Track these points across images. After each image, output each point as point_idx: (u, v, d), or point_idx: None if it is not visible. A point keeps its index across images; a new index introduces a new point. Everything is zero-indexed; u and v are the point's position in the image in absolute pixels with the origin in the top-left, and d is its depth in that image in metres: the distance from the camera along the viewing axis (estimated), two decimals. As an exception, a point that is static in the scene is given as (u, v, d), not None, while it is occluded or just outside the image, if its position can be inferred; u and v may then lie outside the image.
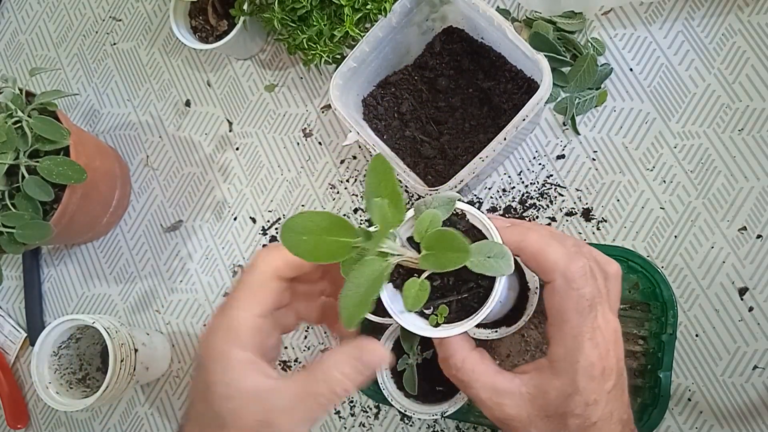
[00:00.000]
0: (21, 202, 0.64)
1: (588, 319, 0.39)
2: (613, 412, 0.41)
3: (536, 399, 0.41)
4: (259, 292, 0.41)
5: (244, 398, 0.39)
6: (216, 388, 0.39)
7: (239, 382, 0.39)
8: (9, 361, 0.79)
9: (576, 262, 0.40)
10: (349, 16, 0.62)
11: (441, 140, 0.68)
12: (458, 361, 0.42)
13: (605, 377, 0.40)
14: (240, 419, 0.38)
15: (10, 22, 0.89)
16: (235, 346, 0.39)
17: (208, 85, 0.80)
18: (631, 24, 0.68)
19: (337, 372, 0.39)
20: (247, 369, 0.39)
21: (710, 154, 0.64)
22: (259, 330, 0.41)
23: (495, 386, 0.42)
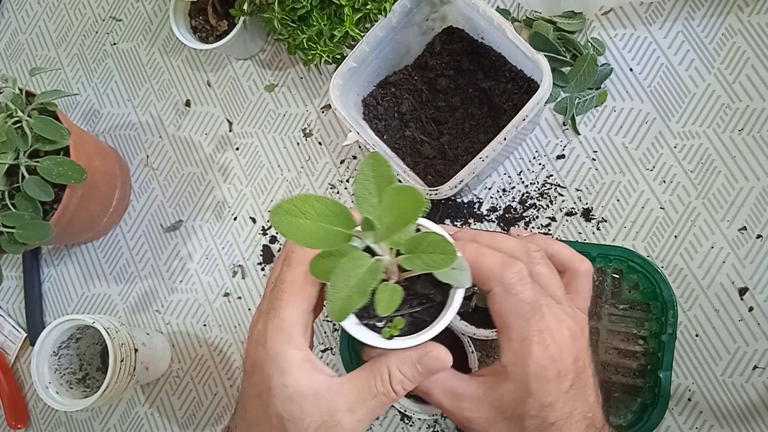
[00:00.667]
0: (21, 202, 0.64)
1: (532, 323, 0.39)
2: (574, 411, 0.40)
3: (493, 402, 0.41)
4: (304, 289, 0.40)
5: (304, 400, 0.38)
6: (275, 392, 0.39)
7: (298, 383, 0.38)
8: (9, 361, 0.79)
9: (510, 267, 0.39)
10: (349, 16, 0.62)
11: (441, 140, 0.68)
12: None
13: (560, 378, 0.39)
14: (302, 421, 0.38)
15: (10, 22, 0.89)
16: (290, 347, 0.39)
17: (208, 85, 0.80)
18: (631, 24, 0.68)
19: (398, 372, 0.39)
20: (305, 369, 0.39)
21: (710, 154, 0.64)
22: (308, 326, 0.41)
23: (453, 390, 0.42)
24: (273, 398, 0.39)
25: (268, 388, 0.39)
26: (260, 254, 0.74)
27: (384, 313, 0.38)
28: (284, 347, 0.39)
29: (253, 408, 0.40)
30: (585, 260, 0.45)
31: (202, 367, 0.74)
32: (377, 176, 0.36)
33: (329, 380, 0.39)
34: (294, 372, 0.38)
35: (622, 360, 0.61)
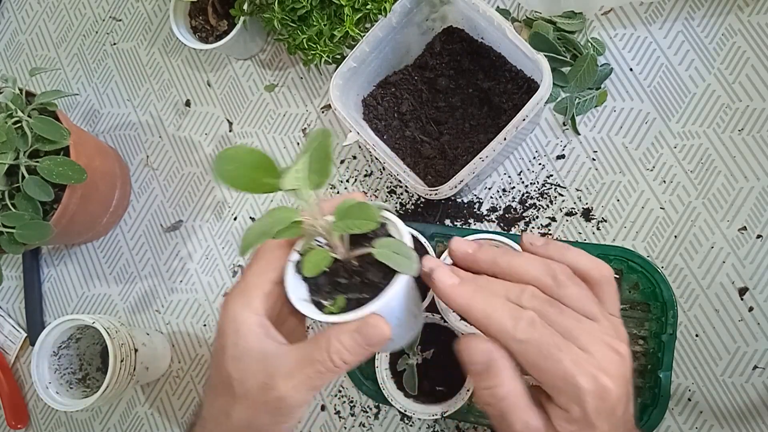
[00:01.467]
0: (21, 202, 0.64)
1: (564, 358, 0.38)
2: (627, 422, 0.40)
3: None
4: (270, 258, 0.41)
5: (250, 360, 0.40)
6: (228, 351, 0.40)
7: (249, 344, 0.40)
8: (9, 361, 0.79)
9: (519, 323, 0.38)
10: (349, 16, 0.62)
11: (441, 140, 0.68)
12: (504, 391, 0.40)
13: (619, 402, 0.39)
14: (246, 382, 0.40)
15: (10, 22, 0.89)
16: (247, 310, 0.40)
17: (208, 85, 0.80)
18: (631, 24, 0.68)
19: (336, 341, 0.39)
20: (257, 332, 0.40)
21: (710, 154, 0.64)
22: (271, 294, 0.41)
23: (528, 424, 0.40)
24: (225, 357, 0.40)
25: (222, 347, 0.41)
26: (260, 254, 0.74)
27: (309, 274, 0.41)
28: (242, 310, 0.40)
29: (213, 370, 0.42)
30: (604, 265, 0.43)
31: (202, 367, 0.74)
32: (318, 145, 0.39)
33: (278, 346, 0.40)
34: (247, 334, 0.40)
35: (622, 360, 0.61)
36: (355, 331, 0.39)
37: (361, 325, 0.39)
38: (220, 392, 0.42)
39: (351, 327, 0.39)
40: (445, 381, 0.61)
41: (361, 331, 0.39)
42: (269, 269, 0.41)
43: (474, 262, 0.42)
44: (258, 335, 0.40)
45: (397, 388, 0.62)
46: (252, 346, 0.40)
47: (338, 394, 0.70)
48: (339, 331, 0.39)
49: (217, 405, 0.42)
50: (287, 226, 0.40)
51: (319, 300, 0.41)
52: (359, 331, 0.39)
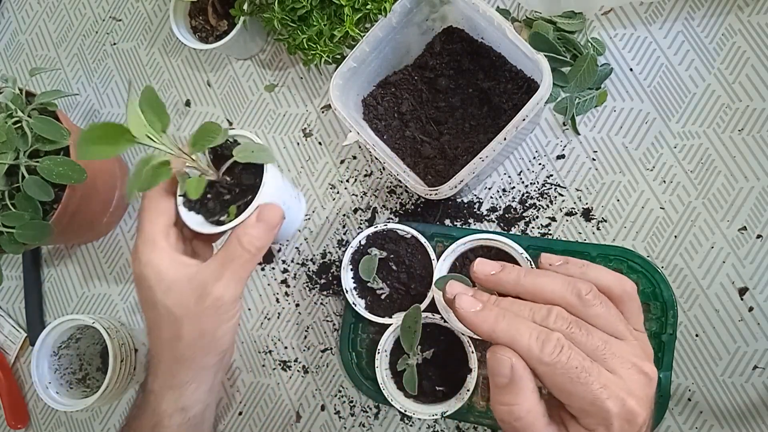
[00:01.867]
0: (21, 202, 0.64)
1: (592, 383, 0.38)
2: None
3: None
4: (158, 206, 0.49)
5: (180, 284, 0.47)
6: (155, 289, 0.47)
7: (170, 274, 0.47)
8: (9, 361, 0.79)
9: (546, 346, 0.38)
10: (349, 16, 0.62)
11: (441, 140, 0.68)
12: (523, 411, 0.39)
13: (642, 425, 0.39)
14: (183, 302, 0.47)
15: (10, 22, 0.89)
16: (157, 251, 0.48)
17: (208, 85, 0.80)
18: (631, 24, 0.68)
19: (244, 235, 0.47)
20: (175, 265, 0.48)
21: (710, 154, 0.64)
22: (170, 234, 0.49)
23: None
24: (156, 294, 0.47)
25: (149, 288, 0.47)
26: (260, 254, 0.74)
27: (194, 197, 0.49)
28: (152, 253, 0.47)
29: (148, 312, 0.49)
30: (626, 280, 0.43)
31: (202, 367, 0.74)
32: (144, 99, 0.46)
33: (197, 264, 0.48)
34: (167, 268, 0.47)
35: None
36: (255, 221, 0.47)
37: (258, 214, 0.47)
38: (164, 325, 0.48)
39: (251, 220, 0.47)
40: (445, 381, 0.61)
41: (260, 218, 0.47)
42: (159, 214, 0.49)
43: (497, 284, 0.42)
44: (176, 264, 0.48)
45: (397, 389, 0.62)
46: (176, 275, 0.47)
47: (338, 394, 0.70)
48: (243, 227, 0.47)
49: (165, 336, 0.48)
50: (156, 166, 0.47)
51: (216, 219, 0.50)
52: (259, 219, 0.47)
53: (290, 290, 0.73)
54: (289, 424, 0.71)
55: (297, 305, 0.72)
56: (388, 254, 0.64)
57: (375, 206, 0.72)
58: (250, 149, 0.50)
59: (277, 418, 0.71)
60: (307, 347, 0.71)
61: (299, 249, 0.73)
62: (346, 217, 0.73)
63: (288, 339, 0.72)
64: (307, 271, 0.72)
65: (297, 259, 0.73)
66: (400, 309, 0.63)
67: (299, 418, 0.70)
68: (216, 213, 0.51)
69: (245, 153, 0.50)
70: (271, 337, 0.73)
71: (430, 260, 0.62)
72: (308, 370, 0.71)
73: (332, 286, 0.71)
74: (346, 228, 0.72)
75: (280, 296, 0.73)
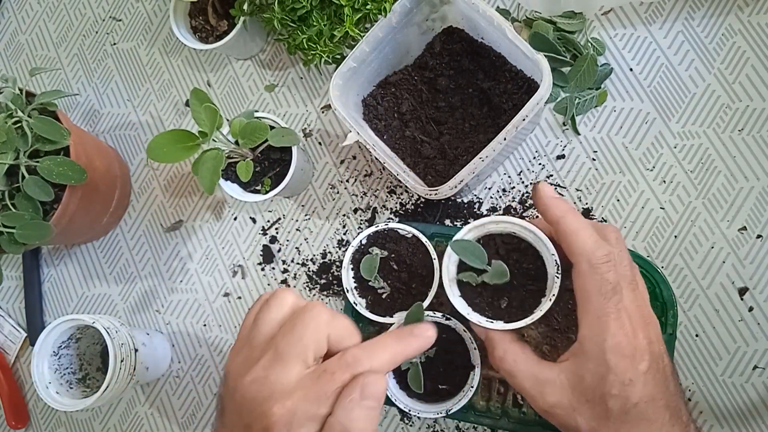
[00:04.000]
0: (21, 202, 0.64)
1: (612, 301, 0.41)
2: (656, 396, 0.41)
3: (575, 385, 0.42)
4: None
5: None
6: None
7: None
8: (9, 361, 0.79)
9: (602, 248, 0.42)
10: (349, 16, 0.62)
11: (441, 140, 0.68)
12: (500, 352, 0.46)
13: (637, 357, 0.41)
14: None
15: (10, 22, 0.89)
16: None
17: (209, 85, 0.80)
18: (631, 24, 0.68)
19: (349, 421, 0.37)
20: None
21: (710, 154, 0.64)
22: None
23: (535, 375, 0.44)
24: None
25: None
26: (260, 254, 0.74)
27: (245, 179, 0.62)
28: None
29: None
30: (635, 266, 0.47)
31: (202, 367, 0.74)
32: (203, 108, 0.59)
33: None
34: None
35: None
36: (359, 398, 0.38)
37: (362, 390, 0.38)
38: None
39: (355, 397, 0.37)
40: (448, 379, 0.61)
41: (365, 395, 0.38)
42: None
43: (557, 206, 0.45)
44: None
45: (400, 388, 0.62)
46: None
47: (338, 394, 0.69)
48: (344, 410, 0.37)
49: None
50: (216, 156, 0.59)
51: (252, 189, 0.66)
52: (364, 396, 0.38)
53: (290, 290, 0.73)
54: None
55: (297, 305, 0.72)
56: (389, 253, 0.64)
57: (375, 206, 0.72)
58: (281, 134, 0.62)
59: (277, 418, 0.71)
60: (307, 347, 0.71)
61: (299, 249, 0.73)
62: (346, 217, 0.73)
63: (288, 339, 0.72)
64: (307, 271, 0.72)
65: (297, 259, 0.73)
66: (401, 308, 0.63)
67: (299, 418, 0.70)
68: (251, 184, 0.67)
69: (277, 137, 0.62)
70: (271, 337, 0.73)
71: (431, 259, 0.62)
72: (308, 370, 0.71)
73: (332, 286, 0.71)
74: (346, 228, 0.72)
75: (280, 296, 0.73)
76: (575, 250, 0.43)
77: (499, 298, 0.50)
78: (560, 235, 0.45)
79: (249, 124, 0.61)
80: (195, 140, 0.59)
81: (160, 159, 0.58)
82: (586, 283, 0.42)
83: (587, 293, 0.42)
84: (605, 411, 0.41)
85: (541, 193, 0.46)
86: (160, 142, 0.58)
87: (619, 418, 0.41)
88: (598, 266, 0.42)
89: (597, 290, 0.42)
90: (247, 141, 0.61)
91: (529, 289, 0.49)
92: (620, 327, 0.41)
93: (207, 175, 0.59)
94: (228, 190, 0.66)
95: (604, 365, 0.41)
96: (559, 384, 0.43)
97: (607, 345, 0.41)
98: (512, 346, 0.46)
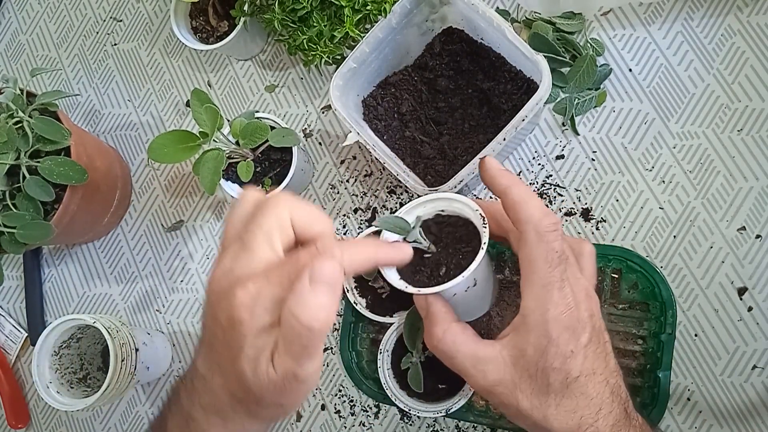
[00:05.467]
0: (22, 202, 0.64)
1: (557, 270, 0.41)
2: (596, 371, 0.41)
3: (517, 360, 0.41)
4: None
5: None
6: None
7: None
8: (10, 360, 0.79)
9: (549, 217, 0.42)
10: (349, 17, 0.62)
11: (441, 140, 0.68)
12: (439, 331, 0.44)
13: (578, 329, 0.41)
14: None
15: (10, 23, 0.90)
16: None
17: (209, 86, 0.80)
18: (630, 24, 0.68)
19: (296, 306, 0.36)
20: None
21: (709, 155, 0.64)
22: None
23: (476, 354, 0.43)
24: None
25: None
26: (260, 254, 0.74)
27: (246, 179, 0.62)
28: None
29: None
30: (587, 242, 0.47)
31: (203, 366, 0.74)
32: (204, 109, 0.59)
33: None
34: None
35: (621, 359, 0.61)
36: (309, 284, 0.36)
37: (312, 273, 0.36)
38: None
39: (304, 285, 0.35)
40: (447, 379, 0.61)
41: (314, 279, 0.36)
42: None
43: (504, 176, 0.45)
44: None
45: (400, 388, 0.62)
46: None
47: (338, 393, 0.70)
48: (295, 296, 0.36)
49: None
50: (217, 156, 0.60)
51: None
52: (314, 280, 0.36)
53: (290, 290, 0.73)
54: (289, 424, 0.71)
55: (297, 305, 0.72)
56: (388, 254, 0.64)
57: (375, 206, 0.72)
58: (281, 134, 0.63)
59: (277, 417, 0.71)
60: (308, 347, 0.71)
61: (299, 249, 0.73)
62: (346, 217, 0.73)
63: (288, 339, 0.72)
64: (308, 271, 0.73)
65: (297, 259, 0.73)
66: (401, 308, 0.63)
67: (300, 418, 0.70)
68: (252, 184, 0.66)
69: (278, 138, 0.62)
70: (271, 337, 0.73)
71: (430, 260, 0.62)
72: (308, 369, 0.71)
73: (332, 285, 0.71)
74: (346, 228, 0.72)
75: (281, 296, 0.73)
76: (522, 218, 0.42)
77: (438, 268, 0.48)
78: (507, 205, 0.44)
79: (249, 124, 0.62)
80: (196, 140, 0.59)
81: (161, 159, 0.59)
82: (532, 251, 0.41)
83: (533, 262, 0.41)
84: (546, 385, 0.40)
85: (487, 165, 0.45)
86: (161, 143, 0.59)
87: (559, 393, 0.40)
88: (545, 234, 0.41)
89: (543, 258, 0.41)
90: (247, 141, 0.62)
91: (465, 251, 0.48)
92: (563, 297, 0.41)
93: (208, 175, 0.59)
94: (229, 190, 0.67)
95: (546, 336, 0.40)
96: (501, 360, 0.42)
97: (549, 315, 0.40)
98: (452, 326, 0.44)
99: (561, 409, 0.40)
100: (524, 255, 0.42)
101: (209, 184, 0.59)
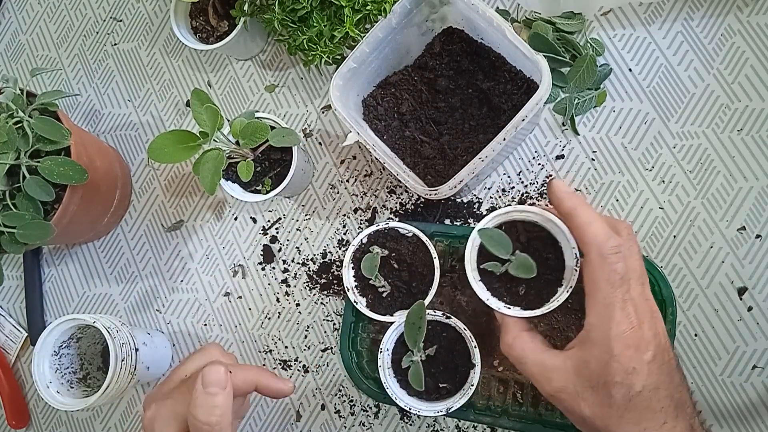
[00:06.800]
0: (22, 202, 0.64)
1: (619, 291, 0.43)
2: (660, 386, 0.43)
3: (580, 371, 0.44)
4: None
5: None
6: None
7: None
8: (10, 360, 0.79)
9: (612, 240, 0.44)
10: (349, 17, 0.62)
11: (441, 140, 0.68)
12: (510, 338, 0.48)
13: (641, 346, 0.42)
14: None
15: (10, 23, 0.90)
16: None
17: (209, 86, 0.80)
18: (630, 24, 0.68)
19: (194, 407, 0.45)
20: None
21: (709, 155, 0.64)
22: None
23: (543, 362, 0.46)
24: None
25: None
26: (260, 254, 0.74)
27: (246, 179, 0.62)
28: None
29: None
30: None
31: (203, 366, 0.74)
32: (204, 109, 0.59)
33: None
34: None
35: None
36: (203, 389, 0.44)
37: (203, 378, 0.44)
38: None
39: (199, 388, 0.45)
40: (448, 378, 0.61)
41: (206, 383, 0.44)
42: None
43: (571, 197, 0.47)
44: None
45: (400, 387, 0.62)
46: None
47: (338, 393, 0.70)
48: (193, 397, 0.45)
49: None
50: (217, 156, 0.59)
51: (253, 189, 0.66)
52: (206, 384, 0.44)
53: (290, 290, 0.73)
54: (289, 423, 0.71)
55: (297, 305, 0.72)
56: (389, 252, 0.64)
57: (375, 206, 0.72)
58: (281, 134, 0.62)
59: (277, 417, 0.71)
60: (308, 347, 0.71)
61: (299, 249, 0.73)
62: (346, 217, 0.73)
63: (288, 338, 0.72)
64: (308, 271, 0.73)
65: (297, 259, 0.73)
66: (402, 307, 0.63)
67: (299, 418, 0.70)
68: (251, 184, 0.67)
69: (278, 138, 0.62)
70: (271, 337, 0.73)
71: (432, 258, 0.62)
72: (308, 369, 0.71)
73: (332, 285, 0.72)
74: (346, 228, 0.72)
75: (281, 296, 0.73)
76: (586, 240, 0.44)
77: (518, 285, 0.51)
78: (572, 226, 0.46)
79: (250, 124, 0.62)
80: (196, 140, 0.59)
81: (161, 159, 0.59)
82: (596, 272, 0.43)
83: (596, 282, 0.43)
84: (609, 398, 0.42)
85: (554, 188, 0.48)
86: (162, 143, 0.59)
87: (622, 406, 0.42)
88: (608, 256, 0.43)
89: (605, 279, 0.43)
90: (247, 141, 0.62)
91: (546, 278, 0.50)
92: (626, 316, 0.42)
93: (208, 175, 0.60)
94: (229, 190, 0.67)
95: (608, 352, 0.42)
96: (565, 370, 0.44)
97: (612, 333, 0.42)
98: (523, 334, 0.48)
99: (624, 420, 0.42)
100: (588, 274, 0.44)
101: (209, 184, 0.59)
